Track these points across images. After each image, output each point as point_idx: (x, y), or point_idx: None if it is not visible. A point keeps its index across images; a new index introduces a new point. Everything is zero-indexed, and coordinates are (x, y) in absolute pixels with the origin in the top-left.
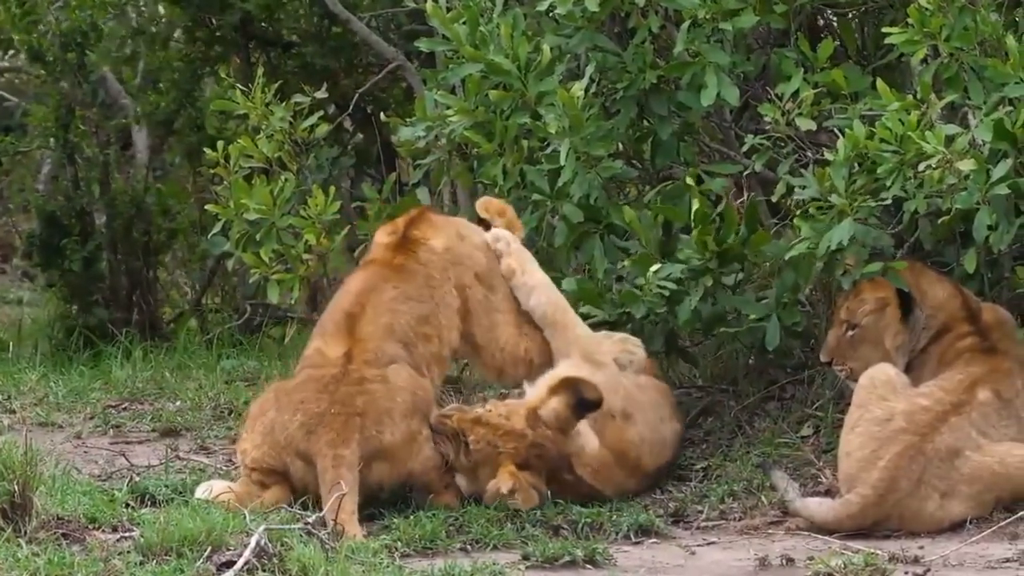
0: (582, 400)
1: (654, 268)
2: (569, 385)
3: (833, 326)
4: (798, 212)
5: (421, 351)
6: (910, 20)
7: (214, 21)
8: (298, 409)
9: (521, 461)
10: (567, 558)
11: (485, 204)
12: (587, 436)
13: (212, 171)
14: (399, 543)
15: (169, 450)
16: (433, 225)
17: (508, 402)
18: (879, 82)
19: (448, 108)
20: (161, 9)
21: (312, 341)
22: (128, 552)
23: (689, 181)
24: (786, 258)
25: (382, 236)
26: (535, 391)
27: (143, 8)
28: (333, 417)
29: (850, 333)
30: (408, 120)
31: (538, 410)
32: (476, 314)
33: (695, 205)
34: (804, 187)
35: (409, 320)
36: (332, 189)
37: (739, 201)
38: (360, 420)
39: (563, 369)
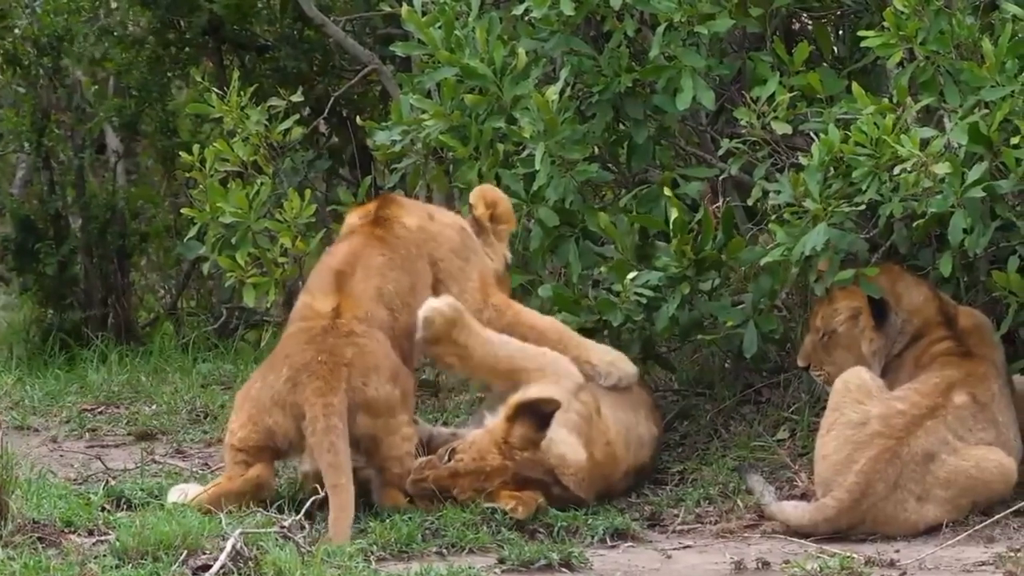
0: (542, 415)
1: (631, 276)
2: (525, 408)
3: (809, 331)
4: (773, 217)
5: (403, 321)
6: (886, 23)
7: (183, 23)
8: (284, 363)
9: (513, 488)
10: (543, 562)
11: (481, 192)
12: (566, 445)
13: (187, 175)
14: (375, 547)
15: (145, 454)
16: (403, 207)
17: (472, 440)
18: (854, 85)
19: (424, 112)
20: (132, 13)
21: (300, 299)
22: (104, 556)
23: (667, 191)
24: (762, 264)
25: (354, 218)
26: (497, 420)
27: (115, 10)
28: (320, 366)
29: (825, 339)
30: (384, 124)
31: (507, 439)
32: (446, 284)
33: (673, 214)
34: (779, 192)
35: (396, 288)
36: (307, 192)
37: (715, 206)
38: (347, 370)
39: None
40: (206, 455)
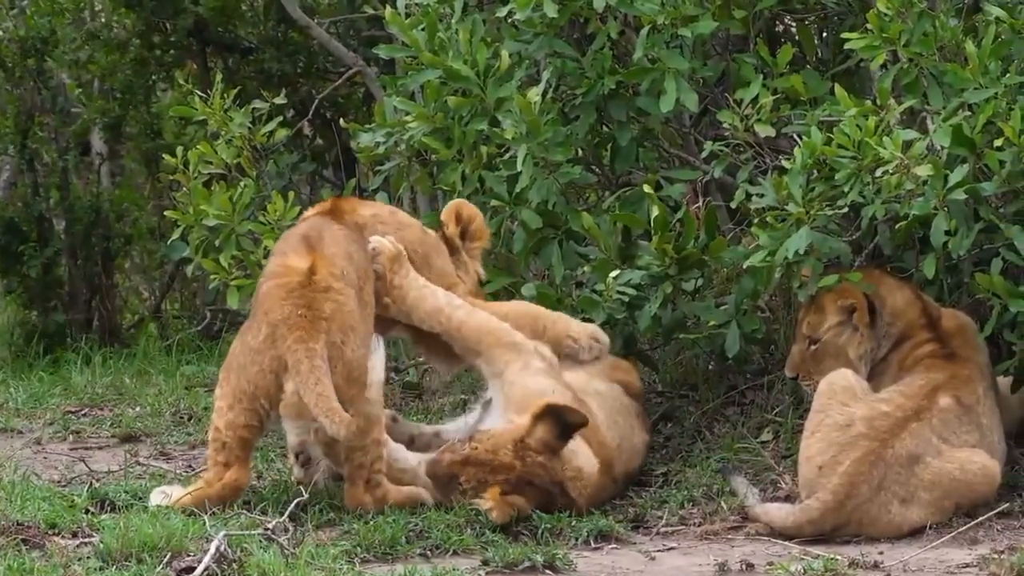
0: (566, 425)
1: (614, 274)
2: (551, 412)
3: (796, 341)
4: (756, 220)
5: (367, 292)
6: (869, 25)
7: (167, 26)
8: (263, 320)
9: (511, 489)
10: (527, 563)
11: (456, 208)
12: (583, 456)
13: (171, 177)
14: (359, 548)
15: (129, 456)
16: (361, 202)
17: (493, 432)
18: (837, 87)
19: (407, 114)
20: (117, 16)
21: (271, 262)
22: (88, 558)
23: (647, 189)
24: (744, 266)
25: (309, 211)
26: (516, 416)
27: (99, 12)
28: (299, 319)
29: (813, 348)
30: (367, 126)
31: (525, 439)
32: None
33: (654, 212)
34: (762, 195)
35: (359, 259)
36: (291, 195)
37: (695, 207)
38: (327, 324)
39: (529, 381)
40: (190, 457)
